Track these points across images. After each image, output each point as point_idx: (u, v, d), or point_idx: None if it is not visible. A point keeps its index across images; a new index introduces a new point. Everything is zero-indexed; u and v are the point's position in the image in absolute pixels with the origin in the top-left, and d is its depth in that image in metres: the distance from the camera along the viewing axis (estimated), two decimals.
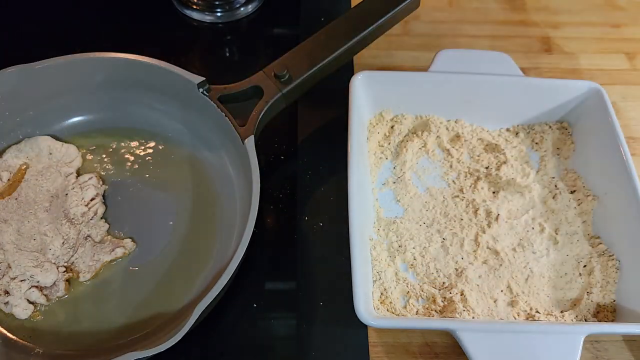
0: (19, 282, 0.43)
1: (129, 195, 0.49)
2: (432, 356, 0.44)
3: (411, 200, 0.49)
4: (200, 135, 0.51)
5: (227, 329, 0.44)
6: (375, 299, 0.44)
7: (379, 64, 0.61)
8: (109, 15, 0.63)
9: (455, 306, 0.43)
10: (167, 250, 0.46)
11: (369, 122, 0.53)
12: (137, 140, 0.52)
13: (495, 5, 0.67)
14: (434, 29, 0.64)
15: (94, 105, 0.52)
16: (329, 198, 0.50)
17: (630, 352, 0.44)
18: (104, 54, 0.48)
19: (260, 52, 0.63)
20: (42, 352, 0.42)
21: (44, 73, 0.48)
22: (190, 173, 0.50)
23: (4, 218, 0.46)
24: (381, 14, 0.51)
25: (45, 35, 0.60)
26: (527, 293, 0.45)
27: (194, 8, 0.63)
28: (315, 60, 0.48)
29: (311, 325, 0.44)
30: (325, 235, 0.48)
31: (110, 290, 0.44)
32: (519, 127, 0.54)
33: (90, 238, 0.46)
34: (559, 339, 0.39)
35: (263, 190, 0.42)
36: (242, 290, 0.45)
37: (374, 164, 0.51)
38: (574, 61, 0.62)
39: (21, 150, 0.49)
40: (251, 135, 0.45)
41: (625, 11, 0.67)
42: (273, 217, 0.49)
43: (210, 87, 0.47)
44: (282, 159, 0.53)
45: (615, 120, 0.49)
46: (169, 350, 0.36)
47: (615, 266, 0.46)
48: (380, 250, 0.46)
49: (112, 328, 0.43)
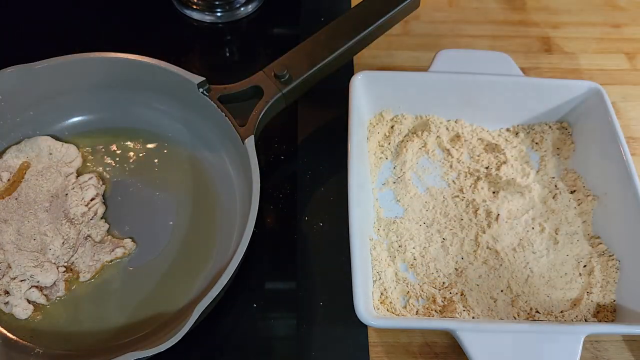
0: (19, 282, 0.43)
1: (129, 195, 0.49)
2: (432, 356, 0.44)
3: (411, 200, 0.49)
4: (200, 135, 0.51)
5: (227, 329, 0.44)
6: (375, 299, 0.44)
7: (379, 64, 0.61)
8: (109, 15, 0.63)
9: (455, 306, 0.43)
10: (167, 250, 0.46)
11: (369, 122, 0.53)
12: (137, 140, 0.52)
13: (495, 5, 0.67)
14: (434, 29, 0.64)
15: (94, 105, 0.52)
16: (329, 198, 0.50)
17: (630, 352, 0.44)
18: (104, 54, 0.48)
19: (260, 52, 0.63)
20: (42, 352, 0.42)
21: (44, 73, 0.48)
22: (190, 173, 0.50)
23: (4, 218, 0.46)
24: (381, 14, 0.51)
25: (45, 35, 0.60)
26: (527, 293, 0.45)
27: (194, 8, 0.63)
28: (315, 60, 0.48)
29: (311, 325, 0.44)
30: (325, 235, 0.48)
31: (110, 290, 0.44)
32: (519, 127, 0.54)
33: (90, 238, 0.46)
34: (559, 339, 0.39)
35: (263, 190, 0.42)
36: (242, 290, 0.45)
37: (374, 164, 0.51)
38: (574, 61, 0.62)
39: (21, 150, 0.49)
40: (251, 135, 0.45)
41: (625, 11, 0.67)
42: (273, 217, 0.49)
43: (210, 87, 0.47)
44: (282, 159, 0.53)
45: (615, 120, 0.49)
46: (169, 350, 0.36)
47: (615, 266, 0.46)
48: (380, 250, 0.46)
49: (112, 328, 0.43)
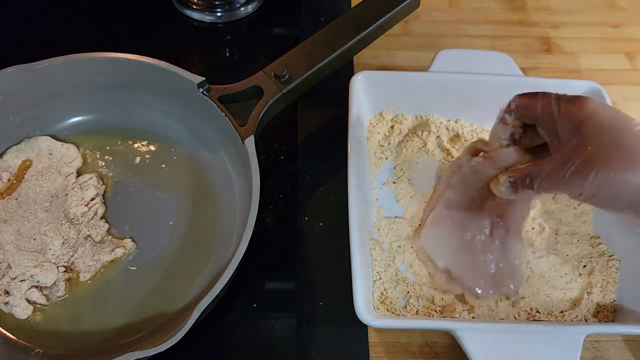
0: (19, 282, 0.43)
1: (129, 195, 0.49)
2: (432, 356, 0.44)
3: (411, 200, 0.49)
4: (200, 135, 0.51)
5: (227, 329, 0.44)
6: (375, 299, 0.44)
7: (379, 64, 0.61)
8: (109, 15, 0.63)
9: (455, 306, 0.43)
10: (167, 250, 0.46)
11: (369, 122, 0.53)
12: (137, 140, 0.52)
13: (495, 5, 0.67)
14: (434, 29, 0.64)
15: (94, 105, 0.52)
16: (329, 198, 0.50)
17: (631, 352, 0.44)
18: (104, 54, 0.48)
19: (260, 52, 0.63)
20: (42, 352, 0.42)
21: (44, 73, 0.48)
22: (190, 173, 0.50)
23: (4, 218, 0.46)
24: (381, 14, 0.51)
25: (45, 35, 0.60)
26: (527, 293, 0.45)
27: (194, 8, 0.63)
28: (315, 60, 0.48)
29: (311, 325, 0.44)
30: (325, 235, 0.48)
31: (110, 290, 0.44)
32: None
33: (90, 238, 0.46)
34: (559, 339, 0.39)
35: (263, 190, 0.42)
36: (242, 290, 0.45)
37: (374, 164, 0.51)
38: (574, 61, 0.62)
39: (21, 150, 0.49)
40: (251, 135, 0.45)
41: (625, 11, 0.67)
42: (273, 217, 0.49)
43: (210, 87, 0.47)
44: (282, 159, 0.53)
45: None
46: (169, 350, 0.36)
47: (615, 266, 0.46)
48: (380, 250, 0.46)
49: (112, 328, 0.43)
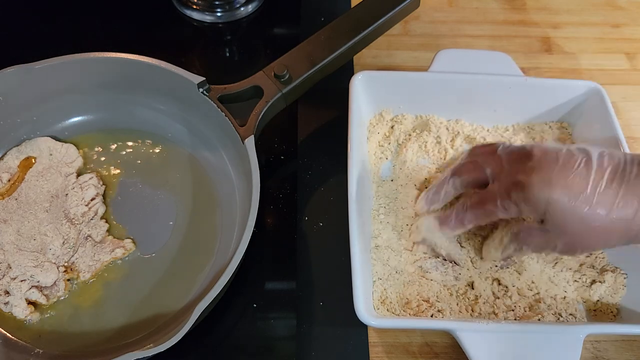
0: (19, 282, 0.43)
1: (129, 195, 0.49)
2: (432, 356, 0.44)
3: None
4: (200, 135, 0.51)
5: (227, 329, 0.44)
6: (375, 299, 0.43)
7: (379, 64, 0.61)
8: (109, 15, 0.63)
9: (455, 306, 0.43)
10: (167, 250, 0.46)
11: (369, 122, 0.53)
12: (137, 141, 0.52)
13: (495, 5, 0.67)
14: (434, 29, 0.64)
15: (94, 105, 0.52)
16: (329, 198, 0.50)
17: (631, 352, 0.44)
18: (104, 54, 0.48)
19: (260, 52, 0.63)
20: (42, 352, 0.42)
21: (44, 73, 0.48)
22: (190, 173, 0.50)
23: (4, 218, 0.46)
24: (381, 14, 0.51)
25: (45, 35, 0.60)
26: (527, 293, 0.45)
27: (194, 8, 0.63)
28: (315, 60, 0.48)
29: (311, 325, 0.44)
30: (325, 235, 0.48)
31: (110, 291, 0.44)
32: (519, 126, 0.54)
33: (90, 238, 0.46)
34: (559, 339, 0.39)
35: (263, 190, 0.42)
36: (242, 290, 0.45)
37: (374, 164, 0.51)
38: (574, 61, 0.62)
39: (21, 151, 0.49)
40: (251, 135, 0.45)
41: (625, 11, 0.67)
42: (273, 217, 0.49)
43: (210, 87, 0.47)
44: (282, 159, 0.53)
45: (615, 120, 0.49)
46: (169, 350, 0.36)
47: (616, 267, 0.45)
48: (380, 250, 0.46)
49: (112, 328, 0.43)
